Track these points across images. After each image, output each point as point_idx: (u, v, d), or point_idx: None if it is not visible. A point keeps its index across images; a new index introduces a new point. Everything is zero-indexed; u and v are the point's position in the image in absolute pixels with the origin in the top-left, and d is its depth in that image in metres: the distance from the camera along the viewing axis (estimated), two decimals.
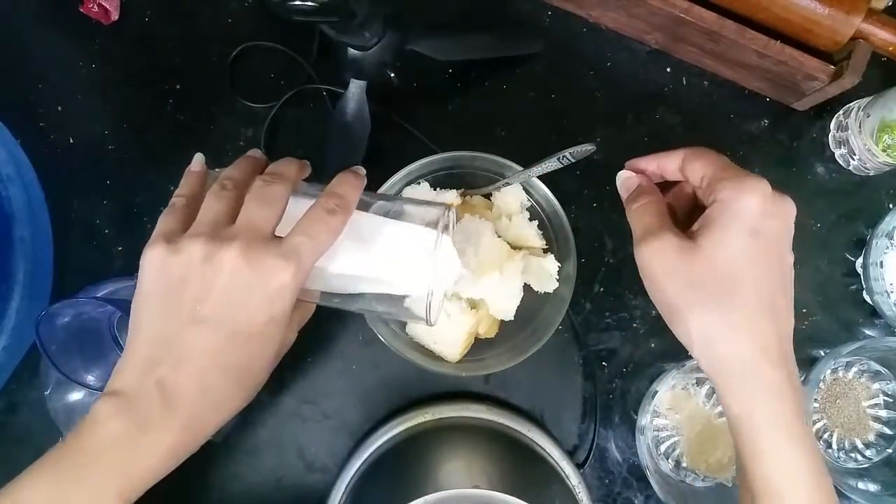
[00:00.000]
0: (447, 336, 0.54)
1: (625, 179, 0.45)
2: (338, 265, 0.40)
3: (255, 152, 0.45)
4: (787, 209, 0.39)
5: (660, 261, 0.39)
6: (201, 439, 0.37)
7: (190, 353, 0.36)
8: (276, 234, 0.38)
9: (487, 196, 0.57)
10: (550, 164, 0.48)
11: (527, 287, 0.56)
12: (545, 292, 0.56)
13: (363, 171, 0.43)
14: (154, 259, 0.37)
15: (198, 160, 0.45)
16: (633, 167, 0.46)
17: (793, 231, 0.39)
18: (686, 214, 0.45)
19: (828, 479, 0.37)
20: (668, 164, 0.43)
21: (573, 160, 0.49)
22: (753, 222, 0.37)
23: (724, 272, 0.37)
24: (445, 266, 0.42)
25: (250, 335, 0.37)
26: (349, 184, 0.41)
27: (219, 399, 0.37)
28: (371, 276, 0.41)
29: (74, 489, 0.34)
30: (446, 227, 0.41)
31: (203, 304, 0.36)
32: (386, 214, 0.42)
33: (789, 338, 0.38)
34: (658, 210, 0.41)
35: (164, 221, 0.40)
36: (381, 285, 0.41)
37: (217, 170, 0.45)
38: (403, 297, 0.42)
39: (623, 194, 0.45)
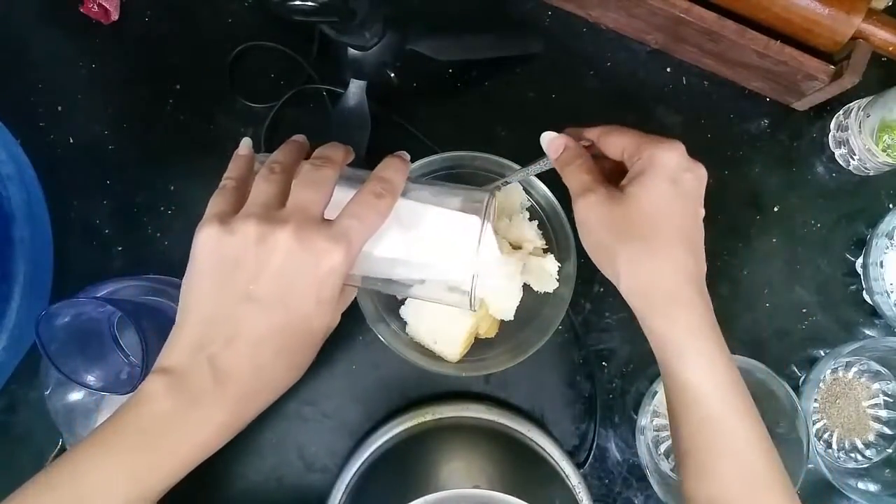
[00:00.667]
0: (447, 336, 0.54)
1: (551, 139, 0.47)
2: (381, 249, 0.41)
3: (300, 137, 0.45)
4: (700, 170, 0.44)
5: (595, 211, 0.43)
6: (249, 417, 0.38)
7: (242, 331, 0.36)
8: (324, 217, 0.39)
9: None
10: (548, 163, 0.49)
11: (527, 287, 0.56)
12: (545, 292, 0.56)
13: (408, 156, 0.43)
14: (208, 239, 0.37)
15: (245, 144, 0.44)
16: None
17: (703, 190, 0.44)
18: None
19: (742, 384, 0.42)
20: (588, 135, 0.47)
21: None
22: (672, 173, 0.42)
23: (649, 213, 0.42)
24: (487, 251, 0.43)
25: (301, 316, 0.37)
26: (395, 168, 0.41)
27: (269, 378, 0.38)
28: (414, 261, 0.41)
29: (127, 464, 0.35)
30: (489, 214, 0.42)
31: (256, 283, 0.36)
32: (426, 199, 0.43)
33: (703, 273, 0.43)
34: (591, 168, 0.45)
35: (216, 202, 0.40)
36: (425, 269, 0.42)
37: (263, 154, 0.45)
38: (445, 282, 0.42)
39: (551, 154, 0.47)
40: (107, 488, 0.35)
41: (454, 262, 0.41)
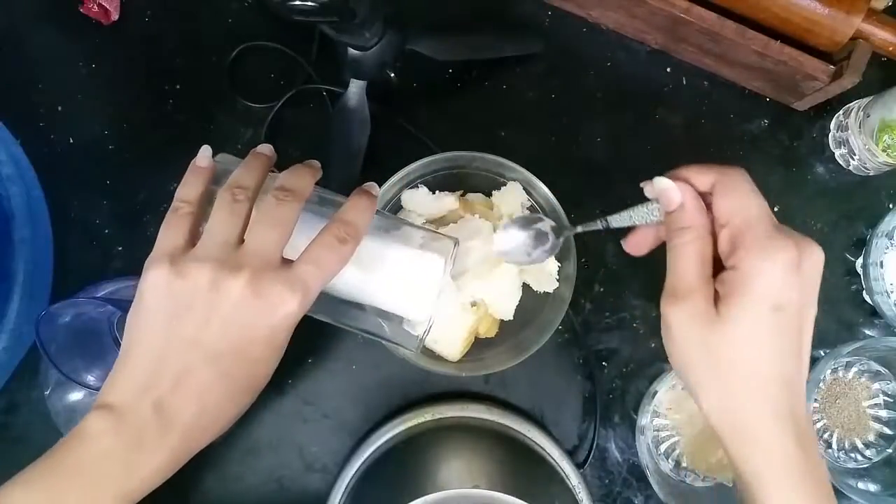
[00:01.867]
0: (447, 335, 0.54)
1: (665, 188, 0.39)
2: (338, 285, 0.40)
3: (265, 149, 0.43)
4: (814, 266, 0.37)
5: (684, 325, 0.37)
6: (190, 455, 0.37)
7: (189, 377, 0.36)
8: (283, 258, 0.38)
9: (488, 195, 0.57)
10: (652, 214, 0.42)
11: (527, 287, 0.56)
12: (545, 292, 0.56)
13: (377, 190, 0.42)
14: (157, 279, 0.37)
15: (205, 155, 0.42)
16: (671, 177, 0.40)
17: (819, 282, 0.37)
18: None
19: None
20: (698, 184, 0.39)
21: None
22: (775, 298, 0.36)
23: (742, 353, 0.36)
24: (444, 297, 0.43)
25: (251, 361, 0.37)
26: (362, 210, 0.40)
27: (213, 419, 0.37)
28: (370, 299, 0.41)
29: (64, 502, 0.34)
30: (452, 257, 0.42)
31: (206, 330, 0.36)
32: (387, 233, 0.42)
33: (802, 402, 0.37)
34: (700, 255, 0.38)
35: (168, 235, 0.39)
36: (379, 306, 0.42)
37: (221, 158, 0.43)
38: (399, 320, 0.43)
39: (663, 206, 0.40)
40: None
41: (412, 303, 0.41)
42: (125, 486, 0.35)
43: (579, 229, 0.48)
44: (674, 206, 0.39)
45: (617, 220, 0.43)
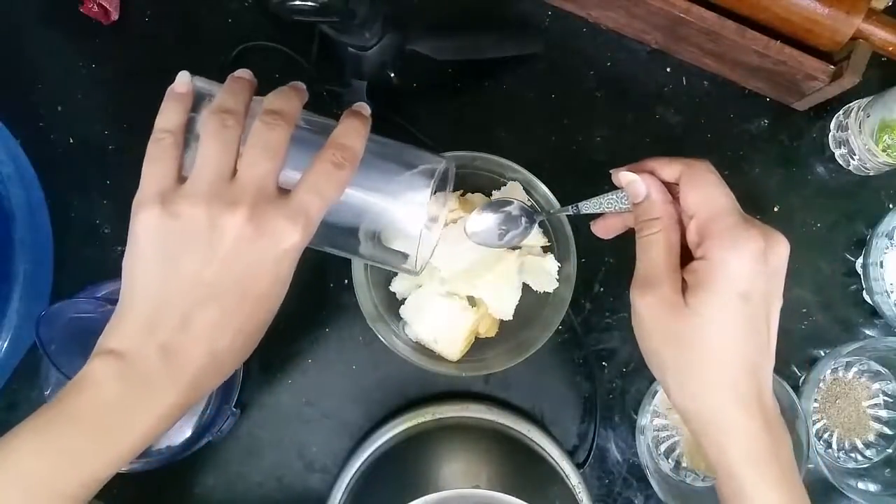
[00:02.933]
0: (447, 335, 0.54)
1: (630, 181, 0.40)
2: (332, 210, 0.38)
3: (244, 73, 0.41)
4: (779, 256, 0.38)
5: (652, 316, 0.38)
6: (199, 399, 0.37)
7: (196, 317, 0.35)
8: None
9: (488, 195, 0.57)
10: (620, 202, 0.43)
11: (527, 287, 0.56)
12: (545, 292, 0.56)
13: (368, 110, 0.40)
14: (150, 221, 0.35)
15: (183, 80, 0.40)
16: (636, 169, 0.41)
17: (783, 275, 0.38)
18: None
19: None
20: (664, 174, 0.40)
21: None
22: (743, 286, 0.36)
23: (710, 340, 0.37)
24: (437, 218, 0.43)
25: (257, 297, 0.36)
26: (356, 132, 0.38)
27: (223, 360, 0.36)
28: (365, 206, 0.40)
29: (70, 453, 0.34)
30: (444, 181, 0.41)
31: (208, 269, 0.34)
32: (381, 152, 0.41)
33: (769, 389, 0.38)
34: (667, 245, 0.38)
35: (154, 171, 0.36)
36: (375, 216, 0.40)
37: (200, 79, 0.41)
38: (394, 228, 0.41)
39: (630, 198, 0.41)
40: (48, 476, 0.33)
41: (407, 215, 0.40)
42: (134, 433, 0.35)
43: (550, 213, 0.50)
44: (640, 199, 0.40)
45: (587, 207, 0.45)
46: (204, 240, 0.34)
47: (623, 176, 0.41)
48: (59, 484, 0.34)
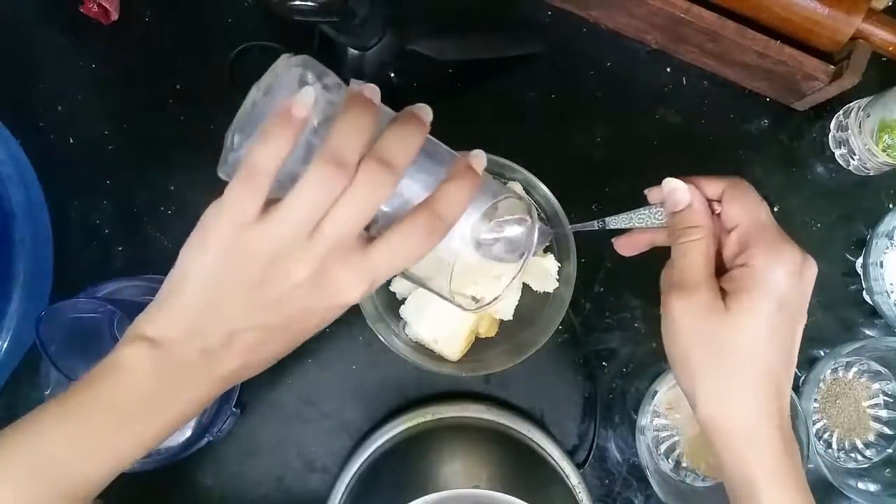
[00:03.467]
0: (447, 335, 0.54)
1: (673, 190, 0.40)
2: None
3: (372, 92, 0.35)
4: (812, 276, 0.38)
5: (689, 320, 0.38)
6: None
7: (239, 337, 0.35)
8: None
9: None
10: (656, 216, 0.42)
11: (527, 287, 0.56)
12: (545, 292, 0.56)
13: (482, 163, 0.37)
14: (221, 235, 0.33)
15: (306, 102, 0.34)
16: (683, 180, 0.41)
17: (810, 293, 0.39)
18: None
19: None
20: (707, 191, 0.41)
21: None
22: (782, 297, 0.37)
23: (747, 346, 0.37)
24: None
25: (301, 331, 0.36)
26: (461, 197, 0.35)
27: (254, 369, 0.37)
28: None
29: (98, 438, 0.34)
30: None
31: (261, 302, 0.34)
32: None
33: (787, 403, 0.39)
34: (704, 253, 0.39)
35: (239, 201, 0.33)
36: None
37: (316, 91, 0.35)
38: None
39: (668, 206, 0.41)
40: (74, 461, 0.33)
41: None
42: (164, 422, 0.35)
43: (573, 228, 0.48)
44: (682, 206, 0.40)
45: (615, 222, 0.44)
46: (266, 274, 0.33)
47: (668, 182, 0.41)
48: (81, 467, 0.34)
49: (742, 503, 0.38)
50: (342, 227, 0.33)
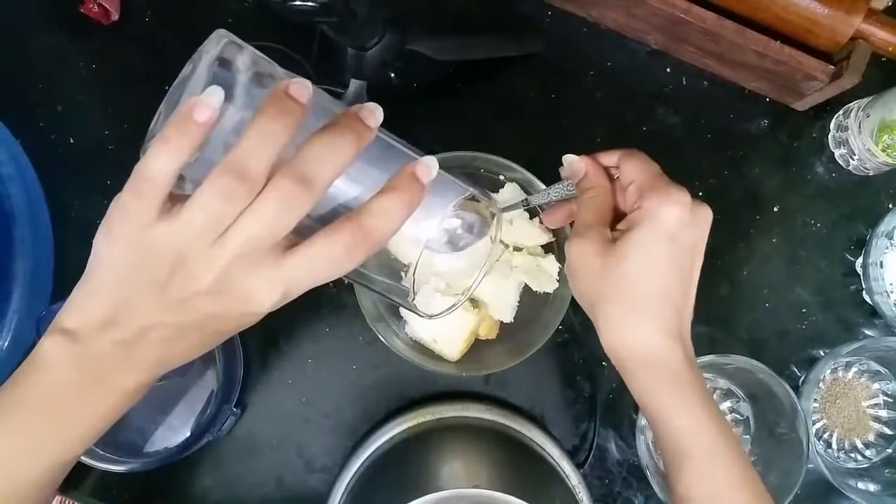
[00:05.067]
0: (448, 335, 0.54)
1: (571, 162, 0.46)
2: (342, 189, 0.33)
3: (295, 91, 0.32)
4: (704, 218, 0.42)
5: (582, 258, 0.42)
6: (159, 375, 0.35)
7: (153, 332, 0.33)
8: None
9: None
10: (570, 187, 0.47)
11: (527, 287, 0.56)
12: (545, 293, 0.56)
13: (430, 174, 0.34)
14: (126, 232, 0.32)
15: (210, 104, 0.31)
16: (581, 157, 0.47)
17: (706, 237, 0.42)
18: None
19: (731, 437, 0.41)
20: (605, 160, 0.46)
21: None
22: (669, 232, 0.41)
23: (634, 276, 0.41)
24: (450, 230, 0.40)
25: (217, 333, 0.34)
26: (395, 214, 0.32)
27: (180, 361, 0.35)
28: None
29: (28, 437, 0.33)
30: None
31: (170, 301, 0.32)
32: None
33: (688, 328, 0.42)
34: (598, 206, 0.44)
35: (136, 202, 0.31)
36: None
37: (241, 83, 0.32)
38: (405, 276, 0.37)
39: (570, 177, 0.46)
40: (8, 462, 0.33)
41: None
42: (93, 415, 0.34)
43: (502, 210, 0.50)
44: (580, 175, 0.45)
45: (535, 199, 0.50)
46: (172, 274, 0.32)
47: (566, 158, 0.46)
48: (21, 470, 0.33)
49: (656, 428, 0.41)
50: (248, 241, 0.31)
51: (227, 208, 0.30)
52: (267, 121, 0.30)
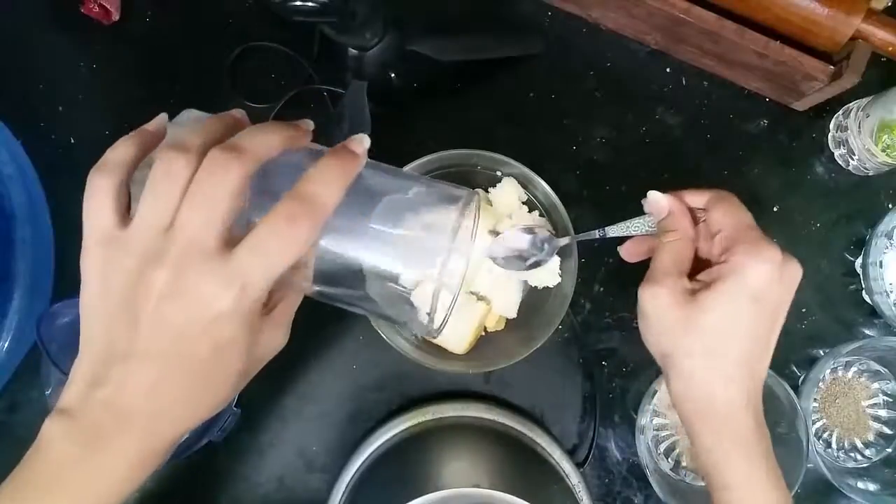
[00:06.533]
0: (456, 328, 0.54)
1: (656, 199, 0.44)
2: (331, 241, 0.33)
3: (238, 112, 0.36)
4: (793, 276, 0.40)
5: (655, 306, 0.40)
6: (165, 453, 0.34)
7: (132, 377, 0.32)
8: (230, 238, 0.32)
9: (486, 190, 0.57)
10: (648, 224, 0.46)
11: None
12: (549, 288, 0.55)
13: (363, 146, 0.34)
14: (94, 260, 0.32)
15: (158, 122, 0.36)
16: (670, 193, 0.44)
17: (791, 298, 0.41)
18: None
19: (782, 488, 0.40)
20: (692, 201, 0.44)
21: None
22: (757, 292, 0.39)
23: (715, 331, 0.39)
24: (463, 256, 0.39)
25: (200, 358, 0.32)
26: (329, 177, 0.32)
27: (175, 415, 0.33)
28: (374, 258, 0.34)
29: None
30: (474, 209, 0.37)
31: (137, 331, 0.31)
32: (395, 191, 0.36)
33: (760, 391, 0.41)
34: (679, 252, 0.42)
35: (99, 210, 0.32)
36: (383, 267, 0.34)
37: (188, 116, 0.36)
38: (408, 293, 0.35)
39: (654, 215, 0.44)
40: None
41: (421, 261, 0.34)
42: (98, 490, 0.32)
43: (577, 238, 0.51)
44: (663, 214, 0.43)
45: (614, 231, 0.47)
46: (134, 297, 0.31)
47: (650, 195, 0.44)
48: None
49: (714, 475, 0.40)
50: (188, 223, 0.30)
51: (172, 185, 0.31)
52: (217, 119, 0.35)
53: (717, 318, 0.39)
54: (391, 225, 0.34)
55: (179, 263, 0.30)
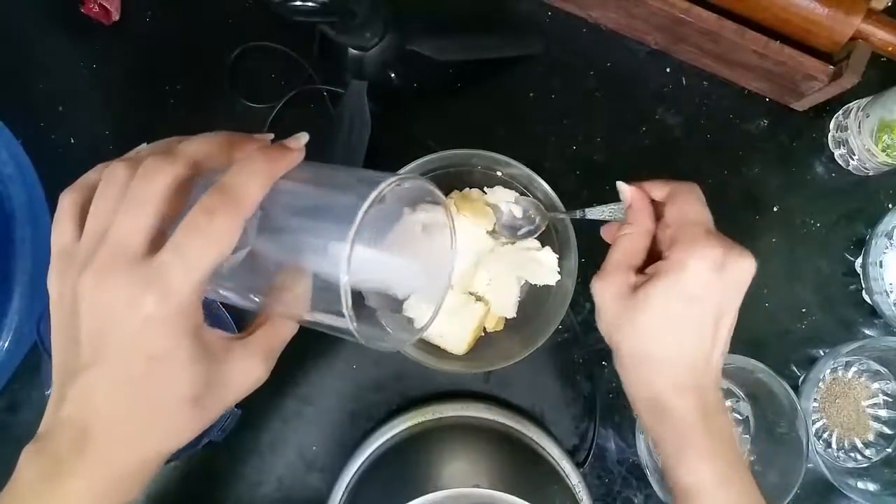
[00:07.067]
0: (455, 329, 0.54)
1: (621, 189, 0.45)
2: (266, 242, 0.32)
3: (225, 133, 0.34)
4: (739, 274, 0.39)
5: (600, 297, 0.42)
6: (131, 484, 0.32)
7: (87, 391, 0.30)
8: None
9: (482, 189, 0.56)
10: (618, 211, 0.47)
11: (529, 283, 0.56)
12: (549, 287, 0.55)
13: (299, 143, 0.34)
14: (51, 275, 0.32)
15: (137, 150, 0.36)
16: (634, 185, 0.45)
17: (740, 296, 0.40)
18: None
19: (739, 482, 0.40)
20: (655, 193, 0.44)
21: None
22: (692, 290, 0.39)
23: (652, 328, 0.39)
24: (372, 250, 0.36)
25: (140, 373, 0.30)
26: (251, 169, 0.30)
27: (132, 438, 0.31)
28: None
29: None
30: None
31: (80, 340, 0.30)
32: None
33: (709, 381, 0.40)
34: (630, 247, 0.42)
35: (61, 226, 0.33)
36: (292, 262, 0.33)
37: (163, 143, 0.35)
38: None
39: (624, 204, 0.45)
40: None
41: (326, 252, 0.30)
42: None
43: (556, 215, 0.54)
44: (627, 204, 0.44)
45: (592, 213, 0.49)
46: (76, 309, 0.30)
47: (618, 185, 0.45)
48: None
49: (665, 465, 0.41)
50: (120, 225, 0.30)
51: (109, 190, 0.31)
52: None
53: (652, 316, 0.39)
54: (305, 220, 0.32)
55: (102, 269, 0.29)
